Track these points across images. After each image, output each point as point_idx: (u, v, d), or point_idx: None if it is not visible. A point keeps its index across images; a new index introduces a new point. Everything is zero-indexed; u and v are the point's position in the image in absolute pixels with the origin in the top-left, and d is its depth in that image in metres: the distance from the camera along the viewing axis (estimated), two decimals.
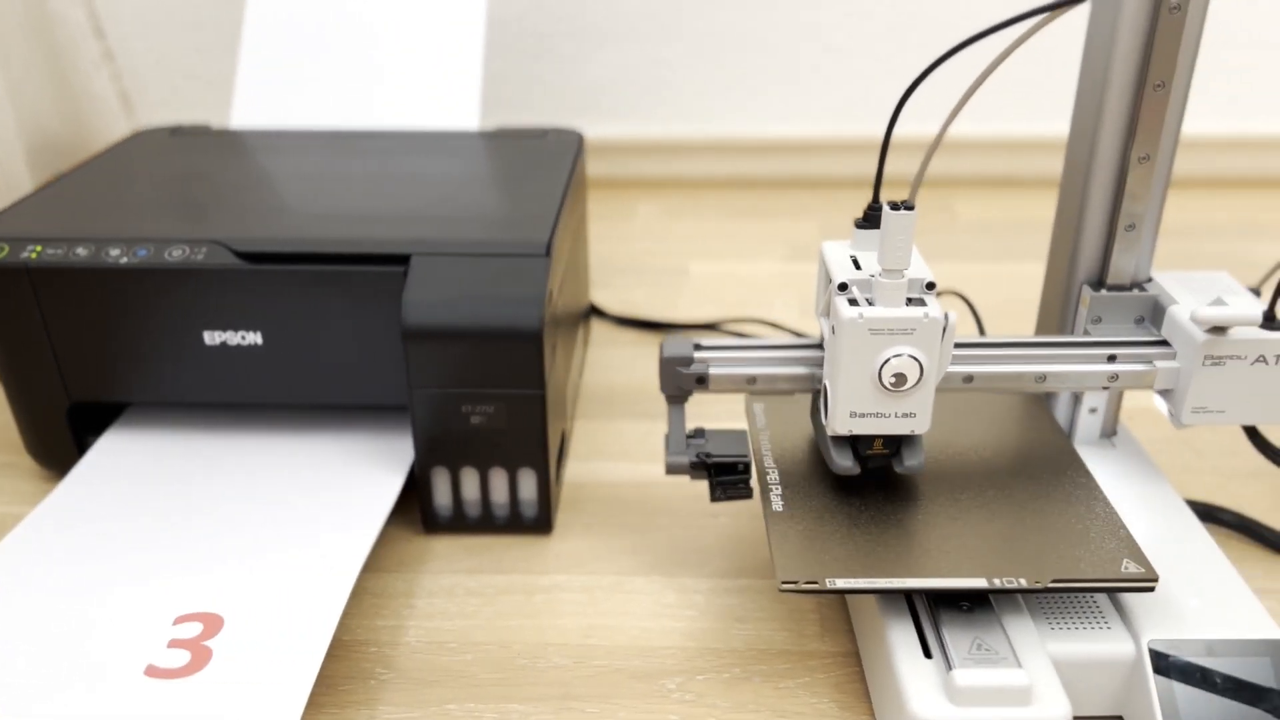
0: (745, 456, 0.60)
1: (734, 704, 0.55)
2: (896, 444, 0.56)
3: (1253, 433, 0.60)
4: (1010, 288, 1.02)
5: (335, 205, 0.71)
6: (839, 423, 0.53)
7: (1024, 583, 0.50)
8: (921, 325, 0.51)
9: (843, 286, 0.53)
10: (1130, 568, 0.51)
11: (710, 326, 0.94)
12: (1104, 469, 0.64)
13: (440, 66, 0.91)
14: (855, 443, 0.56)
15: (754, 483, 0.60)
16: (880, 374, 0.52)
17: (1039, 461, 0.60)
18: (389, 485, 0.65)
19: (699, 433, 0.61)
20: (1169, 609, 0.53)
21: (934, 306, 0.51)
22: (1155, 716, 0.49)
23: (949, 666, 0.49)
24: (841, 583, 0.51)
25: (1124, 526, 0.54)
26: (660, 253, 1.13)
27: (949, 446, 0.61)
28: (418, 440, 0.64)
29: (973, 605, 0.52)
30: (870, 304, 0.52)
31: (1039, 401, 0.66)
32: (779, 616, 0.61)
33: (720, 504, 0.70)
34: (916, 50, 1.25)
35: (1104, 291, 0.62)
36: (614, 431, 0.79)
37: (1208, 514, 0.67)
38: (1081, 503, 0.56)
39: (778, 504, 0.56)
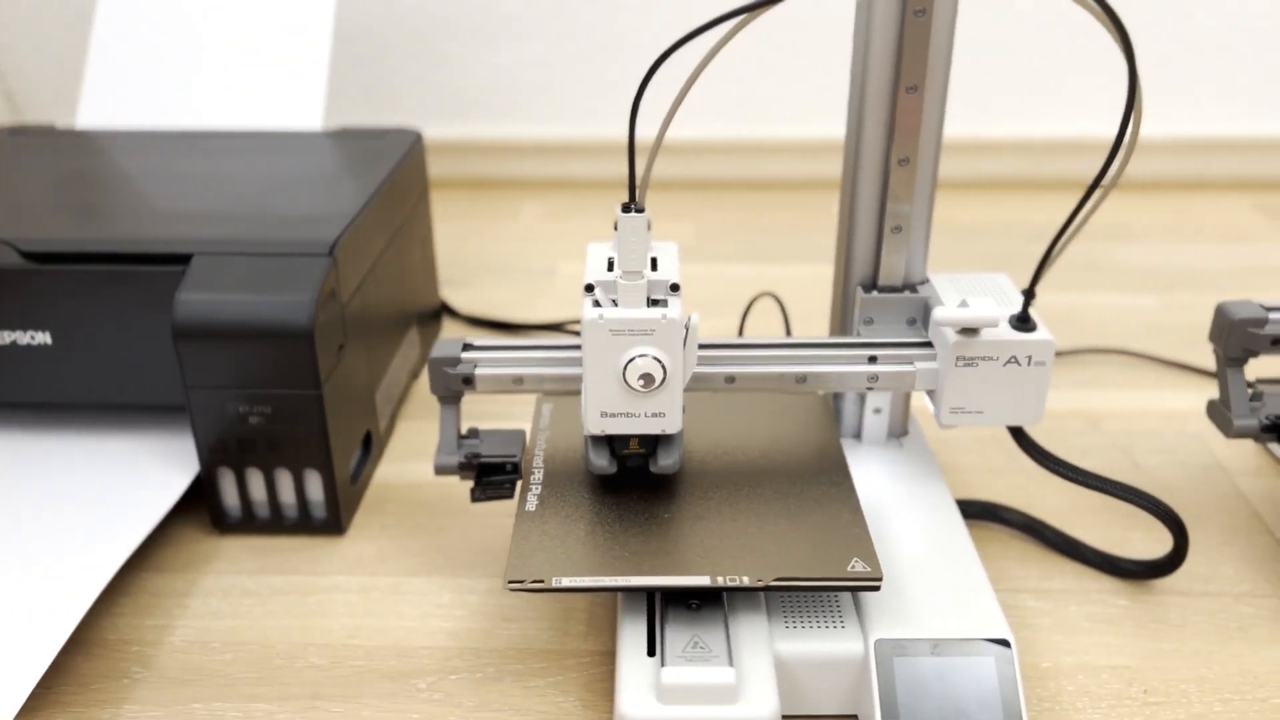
0: (514, 457, 0.60)
1: (479, 703, 0.55)
2: (653, 443, 0.56)
3: (1018, 433, 0.60)
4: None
5: (137, 205, 0.71)
6: (592, 423, 0.54)
7: (746, 581, 0.51)
8: (661, 326, 0.51)
9: (589, 288, 0.53)
10: (858, 566, 0.51)
11: (555, 327, 0.94)
12: (882, 469, 0.64)
13: (284, 68, 0.91)
14: (612, 442, 0.56)
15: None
16: (625, 374, 0.52)
17: (803, 462, 0.60)
18: (173, 486, 0.65)
19: (473, 433, 0.61)
20: (903, 608, 0.53)
21: (674, 308, 0.52)
22: (874, 714, 0.50)
23: (662, 664, 0.49)
24: (567, 581, 0.51)
25: (863, 526, 0.54)
26: (534, 253, 1.13)
27: (719, 446, 0.62)
28: (199, 441, 0.64)
29: (703, 604, 0.53)
30: (615, 304, 0.52)
31: (824, 402, 0.67)
32: (549, 616, 0.61)
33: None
34: (789, 51, 1.25)
35: (875, 293, 0.62)
36: (435, 432, 0.79)
37: (993, 514, 0.68)
38: (831, 503, 0.56)
39: (531, 504, 0.57)
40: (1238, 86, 1.24)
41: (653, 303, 0.52)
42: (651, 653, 0.51)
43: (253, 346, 0.61)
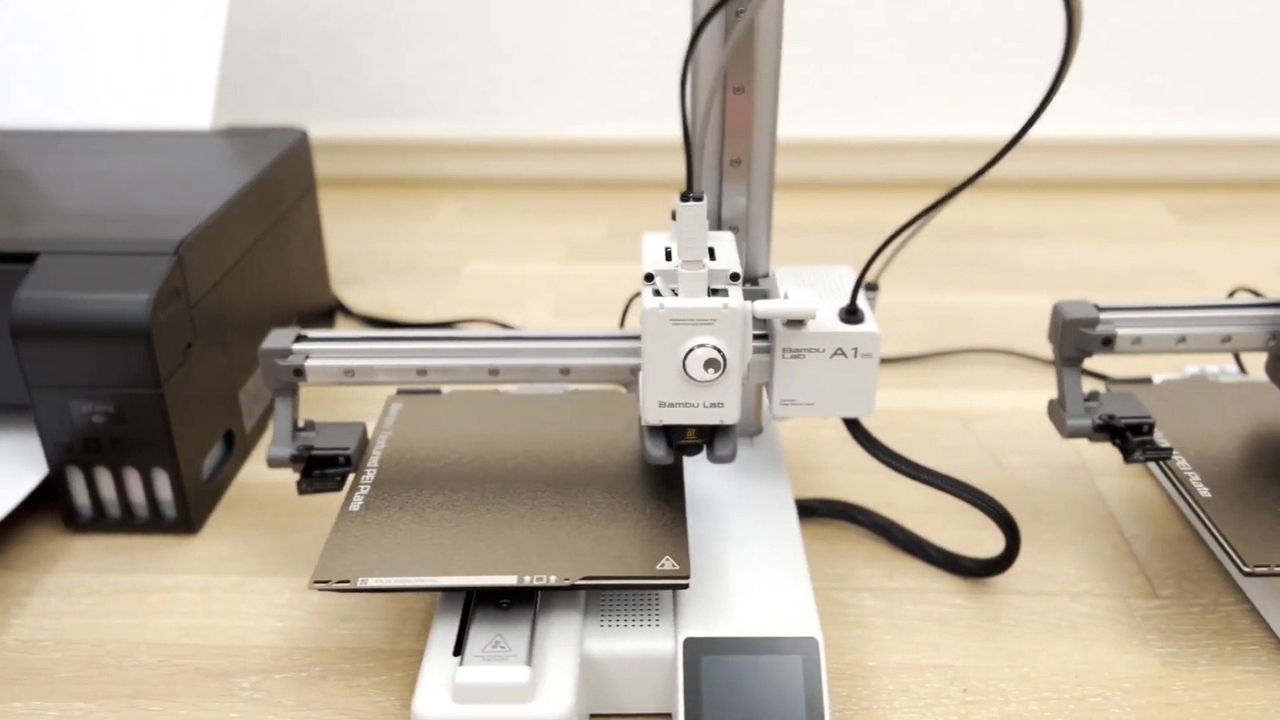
0: (346, 449, 0.60)
1: (299, 702, 0.55)
2: (710, 434, 0.56)
3: (853, 425, 0.61)
4: None
5: None
6: (650, 413, 0.53)
7: (553, 580, 0.51)
8: (722, 315, 0.51)
9: (649, 277, 0.53)
10: (667, 565, 0.52)
11: (446, 325, 0.94)
12: (726, 468, 0.65)
13: (172, 68, 0.91)
14: (669, 432, 0.56)
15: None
16: (685, 364, 0.51)
17: (640, 461, 0.60)
18: (20, 485, 0.65)
19: (310, 425, 0.61)
20: (717, 608, 0.54)
21: (735, 297, 0.51)
22: (678, 712, 0.50)
23: (460, 664, 0.49)
24: (373, 581, 0.51)
25: (683, 526, 0.55)
26: (442, 253, 1.13)
27: (559, 446, 0.62)
28: (45, 440, 0.64)
29: (513, 604, 0.53)
30: (675, 294, 0.52)
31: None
32: (387, 616, 0.61)
33: None
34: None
35: None
36: None
37: (846, 514, 0.68)
38: (658, 502, 0.57)
39: (356, 504, 0.57)
40: (1151, 87, 1.25)
41: (712, 292, 0.52)
42: (458, 652, 0.51)
43: (91, 345, 0.61)
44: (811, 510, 0.68)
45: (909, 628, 0.60)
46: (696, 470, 0.64)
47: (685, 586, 0.51)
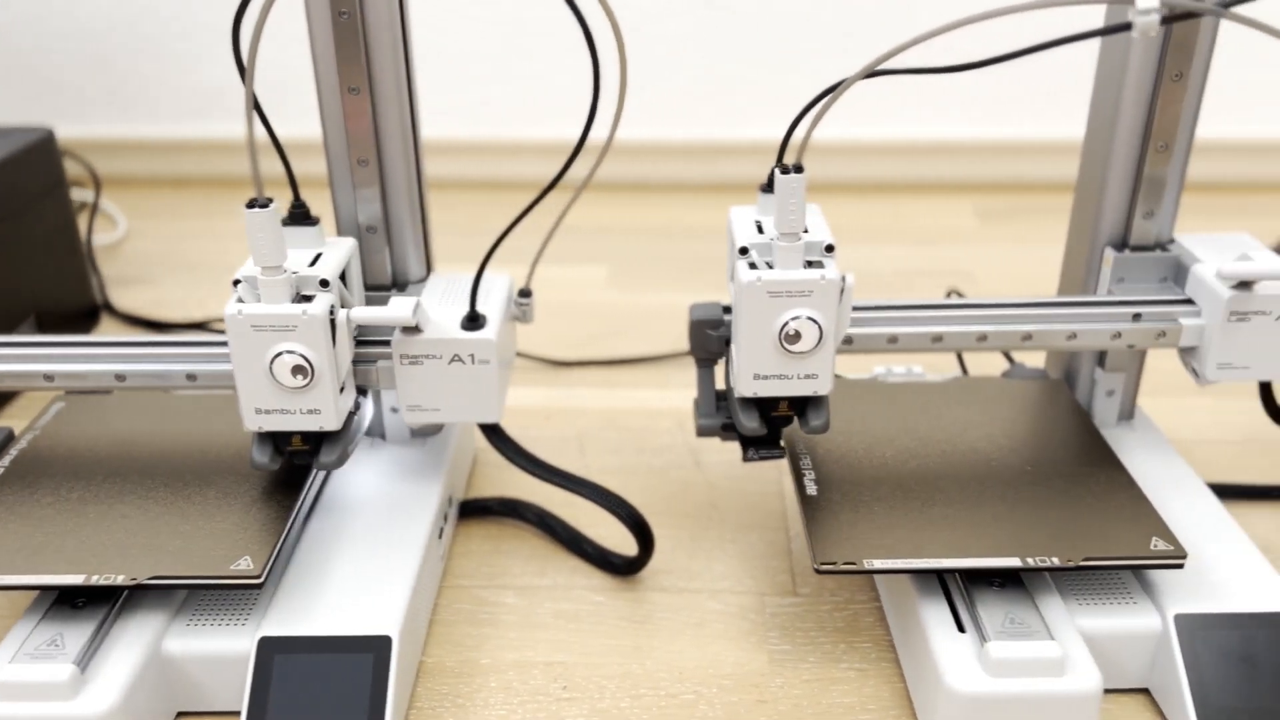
0: None
1: None
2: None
3: (489, 428, 0.61)
4: None
5: None
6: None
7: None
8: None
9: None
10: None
11: (199, 325, 0.94)
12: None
13: None
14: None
15: None
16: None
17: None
18: None
19: None
20: (303, 606, 0.54)
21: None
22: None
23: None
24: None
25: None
26: (236, 251, 1.13)
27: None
28: None
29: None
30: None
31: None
32: None
33: None
34: (531, 56, 1.26)
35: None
36: None
37: (513, 510, 0.68)
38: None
39: None
40: (958, 89, 1.25)
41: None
42: (961, 630, 0.52)
43: None
44: (485, 509, 0.69)
45: (538, 625, 0.60)
46: (353, 470, 0.64)
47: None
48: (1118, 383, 0.67)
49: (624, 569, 0.63)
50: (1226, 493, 0.69)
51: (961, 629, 0.52)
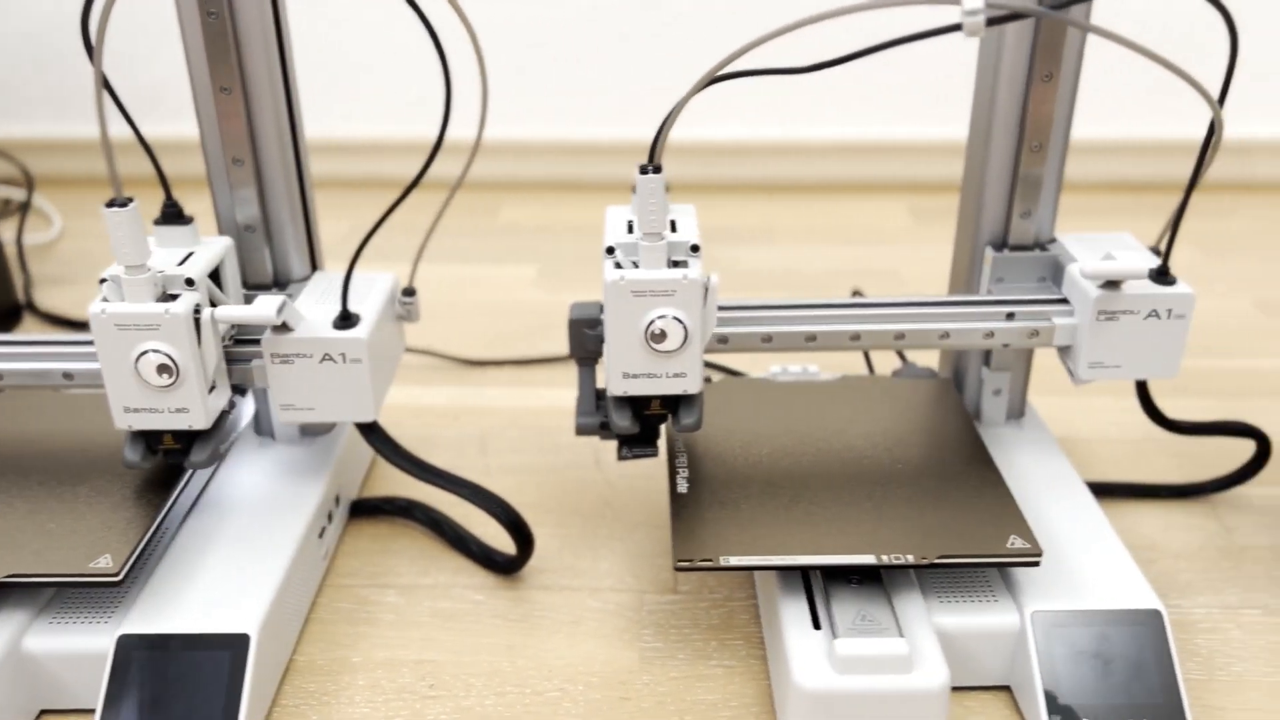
0: None
1: None
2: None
3: (366, 428, 0.61)
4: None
5: None
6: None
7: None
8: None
9: (610, 250, 0.53)
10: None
11: (77, 324, 0.95)
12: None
13: None
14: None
15: None
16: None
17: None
18: None
19: None
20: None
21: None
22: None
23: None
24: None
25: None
26: None
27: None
28: None
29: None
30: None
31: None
32: None
33: None
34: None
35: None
36: None
37: (406, 510, 0.68)
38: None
39: None
40: (894, 88, 1.26)
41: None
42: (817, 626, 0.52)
43: None
44: (378, 508, 0.69)
45: (415, 624, 0.60)
46: (237, 469, 0.65)
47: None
48: (1004, 382, 0.67)
49: (506, 568, 0.64)
50: (1113, 491, 0.70)
51: (818, 626, 0.52)
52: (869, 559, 0.52)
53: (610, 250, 0.53)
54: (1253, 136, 1.25)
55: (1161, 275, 0.58)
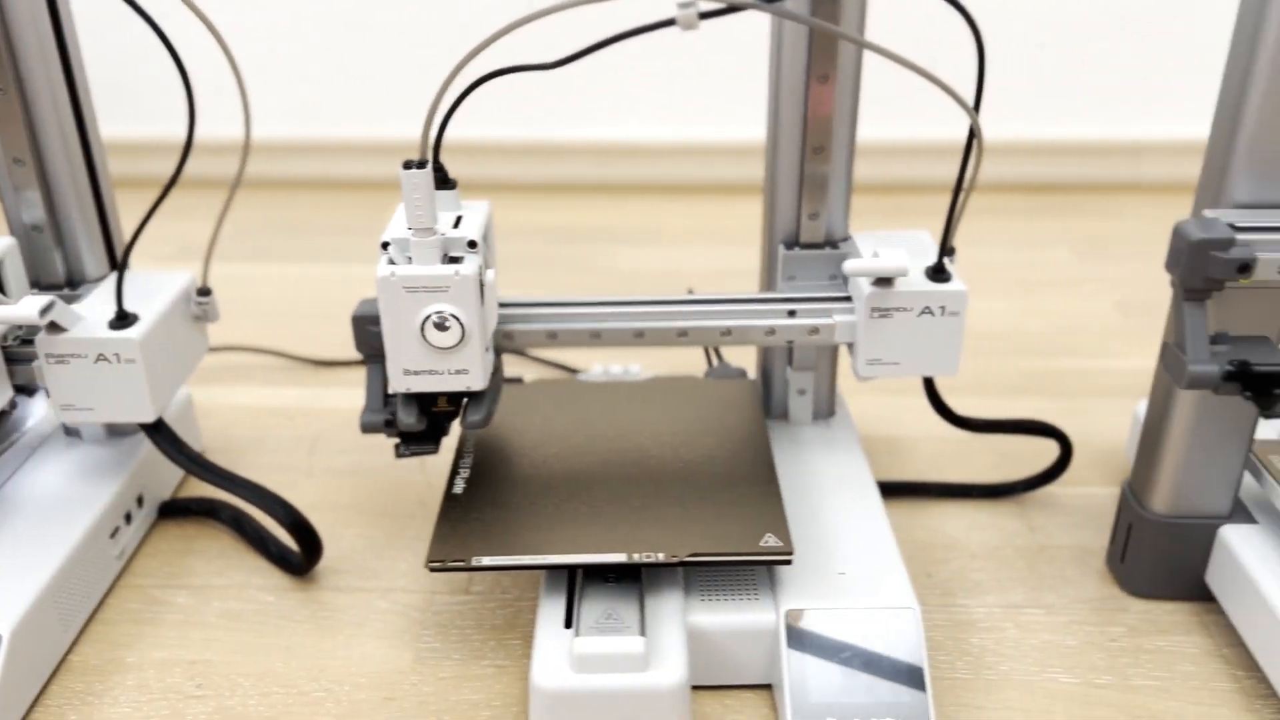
0: None
1: None
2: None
3: (150, 427, 0.61)
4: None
5: None
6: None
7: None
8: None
9: (385, 245, 0.52)
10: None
11: None
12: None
13: None
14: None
15: None
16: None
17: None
18: None
19: None
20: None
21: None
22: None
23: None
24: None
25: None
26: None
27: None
28: None
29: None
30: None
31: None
32: None
33: None
34: (363, 56, 1.26)
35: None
36: None
37: (211, 511, 0.68)
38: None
39: None
40: None
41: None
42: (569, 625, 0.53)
43: None
44: (186, 509, 0.69)
45: (199, 624, 0.60)
46: (39, 468, 0.65)
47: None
48: (808, 382, 0.68)
49: (298, 569, 0.64)
50: (926, 491, 0.70)
51: (569, 625, 0.52)
52: (620, 557, 0.52)
53: (385, 246, 0.53)
54: (1144, 137, 1.25)
55: (938, 273, 0.58)
